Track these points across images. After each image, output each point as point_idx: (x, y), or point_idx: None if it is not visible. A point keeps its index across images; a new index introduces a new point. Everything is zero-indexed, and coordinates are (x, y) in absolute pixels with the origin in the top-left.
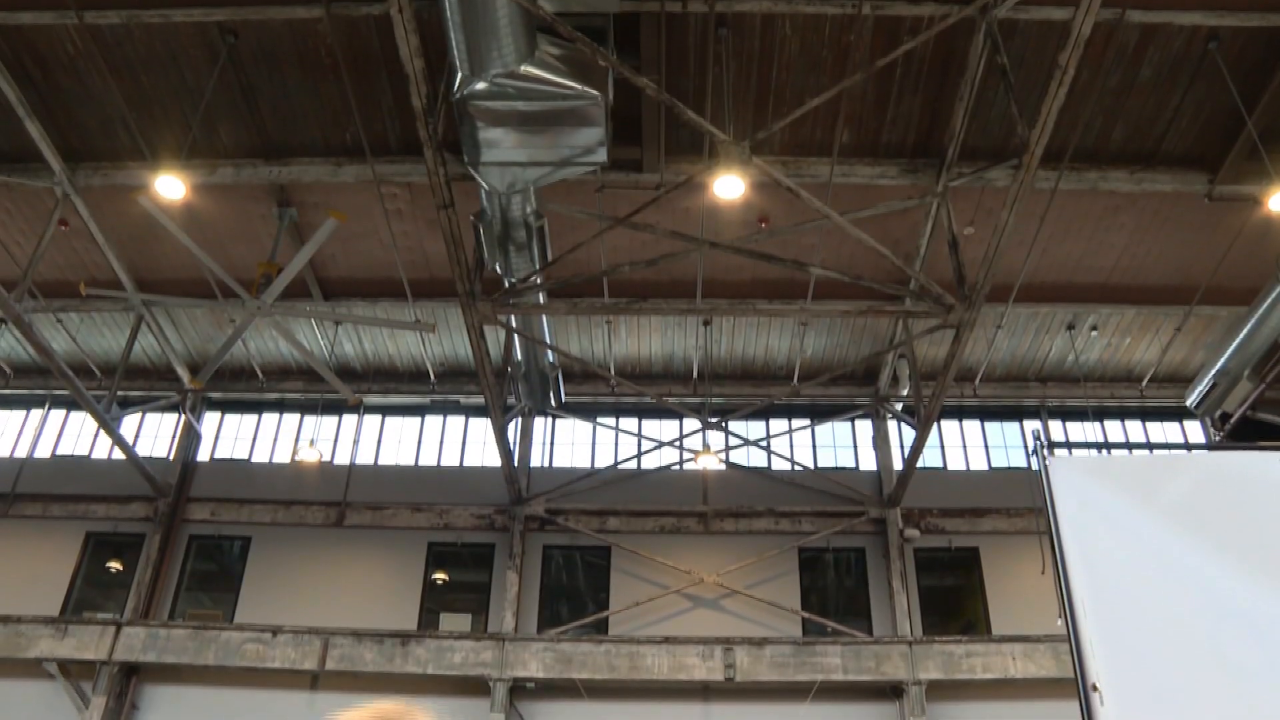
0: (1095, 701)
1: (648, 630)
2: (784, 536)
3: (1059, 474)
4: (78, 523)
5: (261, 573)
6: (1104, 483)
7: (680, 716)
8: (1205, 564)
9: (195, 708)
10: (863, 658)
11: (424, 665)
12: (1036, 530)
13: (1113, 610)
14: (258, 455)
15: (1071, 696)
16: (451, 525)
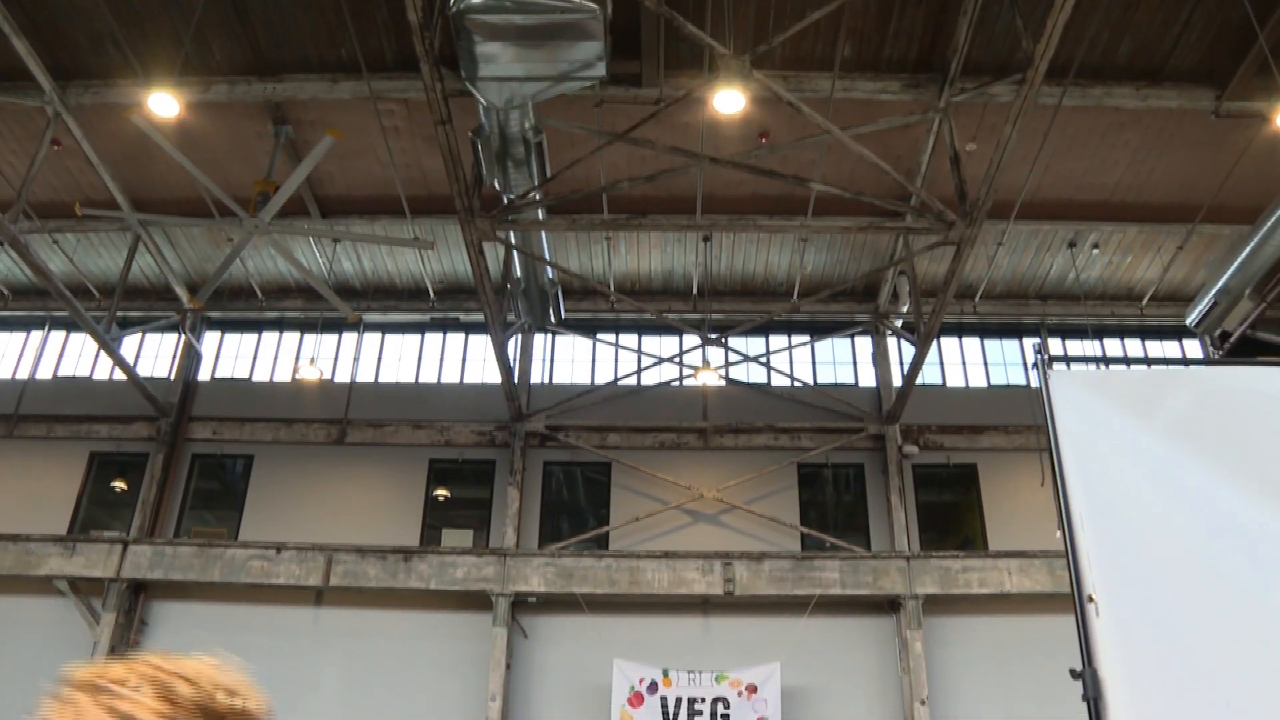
0: (1091, 613)
1: (648, 545)
2: (783, 452)
3: (1059, 388)
4: (81, 443)
5: (264, 491)
6: (1103, 397)
7: (680, 629)
8: (1203, 479)
9: (203, 623)
10: (860, 572)
11: (426, 581)
12: (1034, 448)
13: (1110, 524)
14: (258, 374)
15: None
16: (452, 442)
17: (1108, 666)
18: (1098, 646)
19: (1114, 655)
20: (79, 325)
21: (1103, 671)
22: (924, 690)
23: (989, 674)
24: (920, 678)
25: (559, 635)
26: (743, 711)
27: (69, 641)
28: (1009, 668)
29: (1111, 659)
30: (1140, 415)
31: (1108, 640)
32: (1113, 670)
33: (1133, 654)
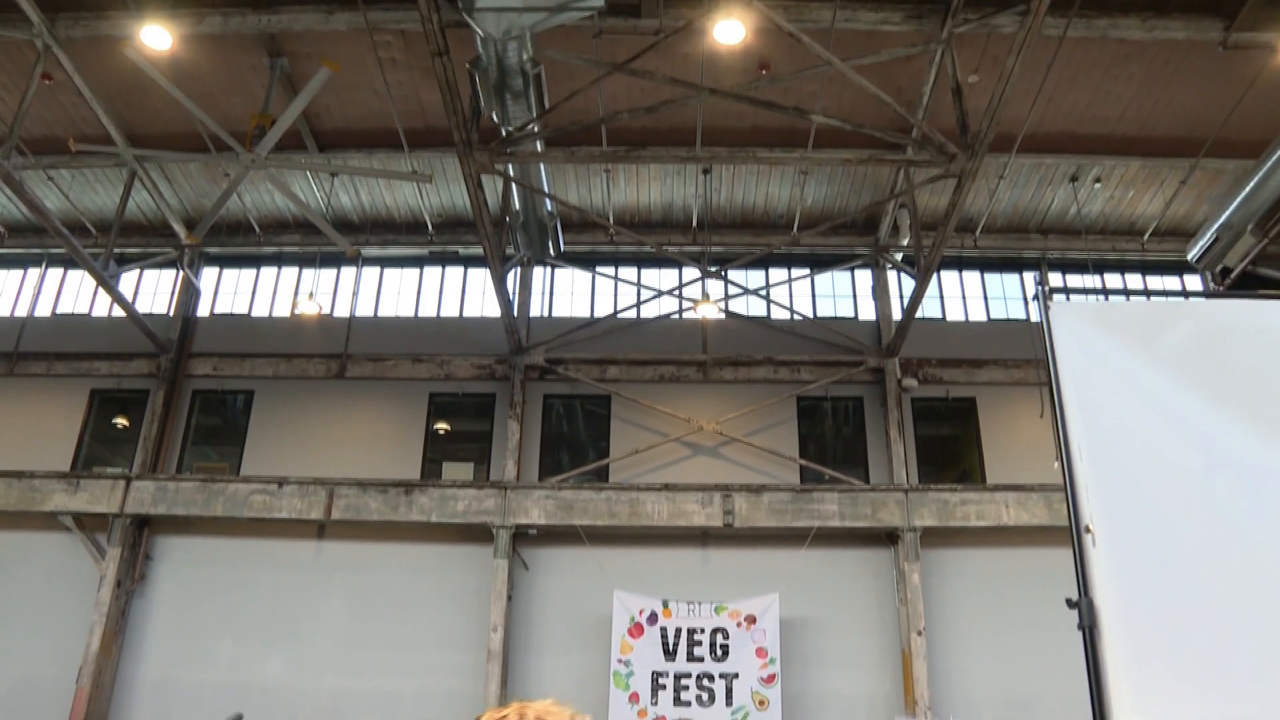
0: (1088, 543)
1: (647, 477)
2: (783, 385)
3: (1059, 319)
4: (82, 380)
5: (265, 426)
6: (1104, 329)
7: (680, 561)
8: (1202, 411)
9: (207, 557)
10: (859, 505)
11: (428, 514)
12: (1033, 382)
13: (1108, 455)
14: (257, 309)
15: (1062, 544)
16: (452, 376)
17: (1103, 596)
18: (1094, 576)
19: (1110, 585)
20: (77, 263)
21: (1098, 601)
22: (921, 621)
23: (985, 605)
24: (917, 609)
25: (559, 567)
26: (742, 642)
27: (75, 575)
28: (1005, 599)
29: (1107, 588)
30: (1140, 347)
31: (1104, 570)
32: (1108, 599)
33: (1128, 584)
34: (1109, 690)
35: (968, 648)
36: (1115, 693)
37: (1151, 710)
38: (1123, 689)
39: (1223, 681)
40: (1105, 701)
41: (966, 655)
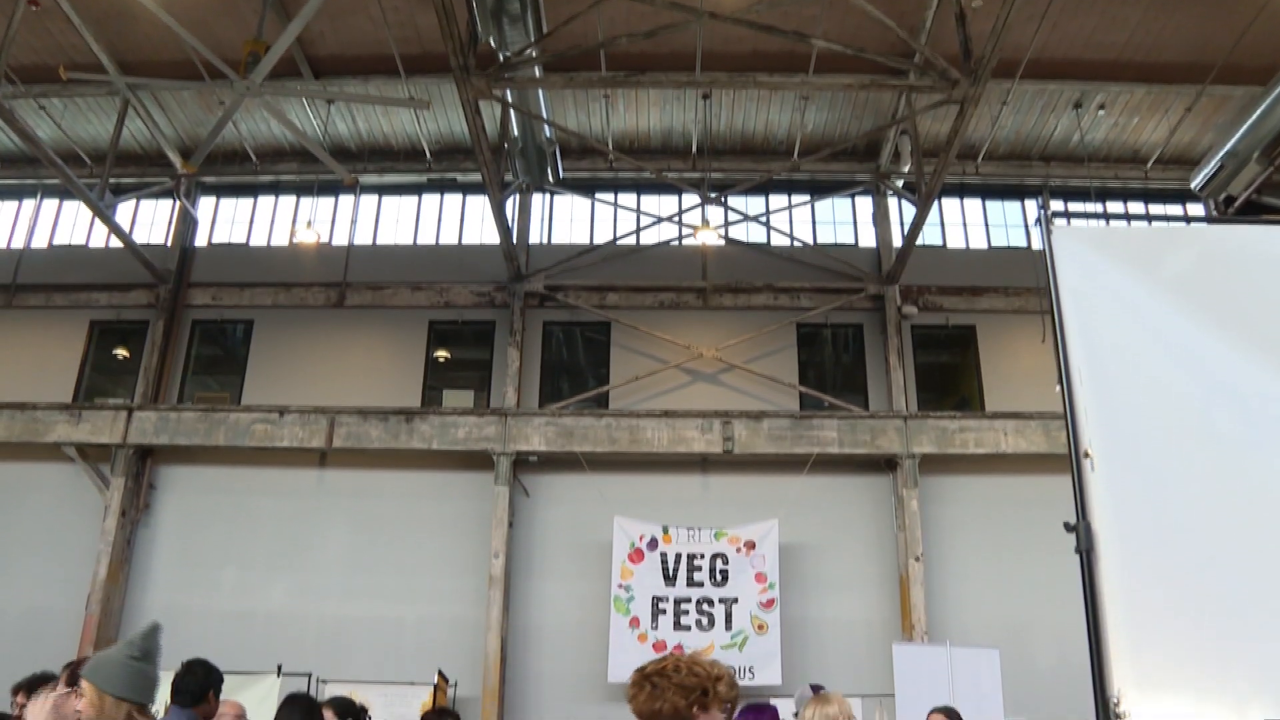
0: (1087, 467)
1: (647, 404)
2: (782, 312)
3: (1061, 244)
4: (81, 311)
5: (265, 355)
6: (1106, 254)
7: (679, 487)
8: (1203, 337)
9: (210, 486)
10: (858, 431)
11: (429, 441)
12: (1033, 310)
13: (1109, 380)
14: (256, 239)
15: (1059, 471)
16: (452, 303)
17: (1101, 520)
18: (1092, 501)
19: (1108, 509)
20: (72, 193)
21: (1096, 525)
22: (919, 547)
23: (983, 532)
24: (915, 535)
25: (560, 493)
26: (741, 567)
27: (80, 505)
28: (1003, 526)
29: (1105, 513)
30: (1143, 272)
31: (1102, 494)
32: (1106, 523)
33: (1126, 508)
34: (1105, 613)
35: (965, 573)
36: (1111, 616)
37: (1147, 633)
38: (1119, 612)
39: (1219, 605)
40: (1101, 624)
41: (964, 581)
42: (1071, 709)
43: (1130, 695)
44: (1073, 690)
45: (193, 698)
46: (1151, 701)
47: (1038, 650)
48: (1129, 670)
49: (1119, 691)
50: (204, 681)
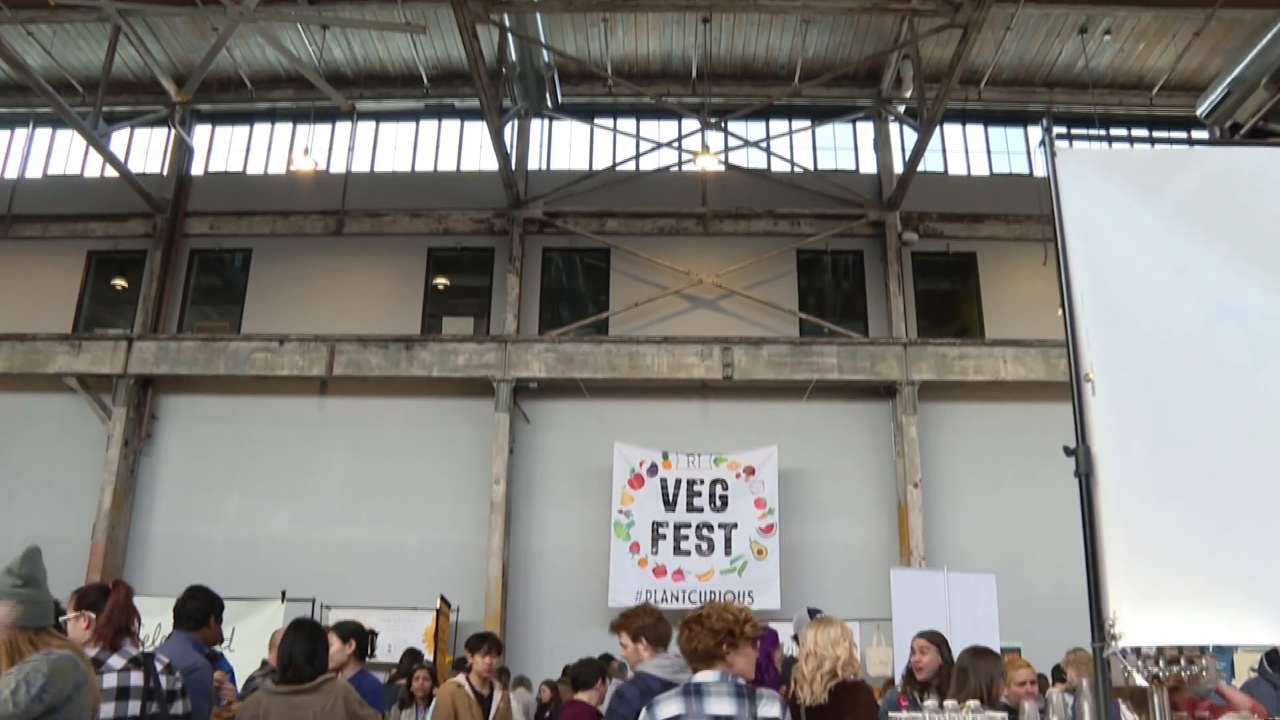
0: (1087, 391)
1: (647, 330)
2: (782, 238)
3: (1065, 165)
4: (78, 242)
5: (264, 284)
6: (1111, 176)
7: (679, 413)
8: (1207, 260)
9: (211, 415)
10: (858, 358)
11: (429, 368)
12: (1034, 237)
13: (1111, 303)
14: (252, 167)
15: (1058, 399)
16: (451, 230)
17: (1101, 443)
18: (1092, 424)
19: (1108, 432)
20: (65, 122)
21: (1096, 448)
22: (917, 474)
23: (981, 459)
24: (914, 461)
25: (560, 420)
26: (740, 492)
27: (83, 436)
28: (1001, 453)
29: (1105, 436)
30: (1147, 194)
31: (1102, 418)
32: (1106, 447)
33: (1126, 431)
34: (1103, 537)
35: (963, 500)
36: (1109, 538)
37: (1145, 554)
38: (1116, 534)
39: (1218, 526)
40: (1098, 547)
41: (961, 507)
42: (1067, 633)
43: (1126, 615)
44: (1068, 615)
45: (194, 622)
46: (1147, 621)
47: (1034, 576)
48: (1125, 591)
49: (1115, 612)
50: (205, 607)
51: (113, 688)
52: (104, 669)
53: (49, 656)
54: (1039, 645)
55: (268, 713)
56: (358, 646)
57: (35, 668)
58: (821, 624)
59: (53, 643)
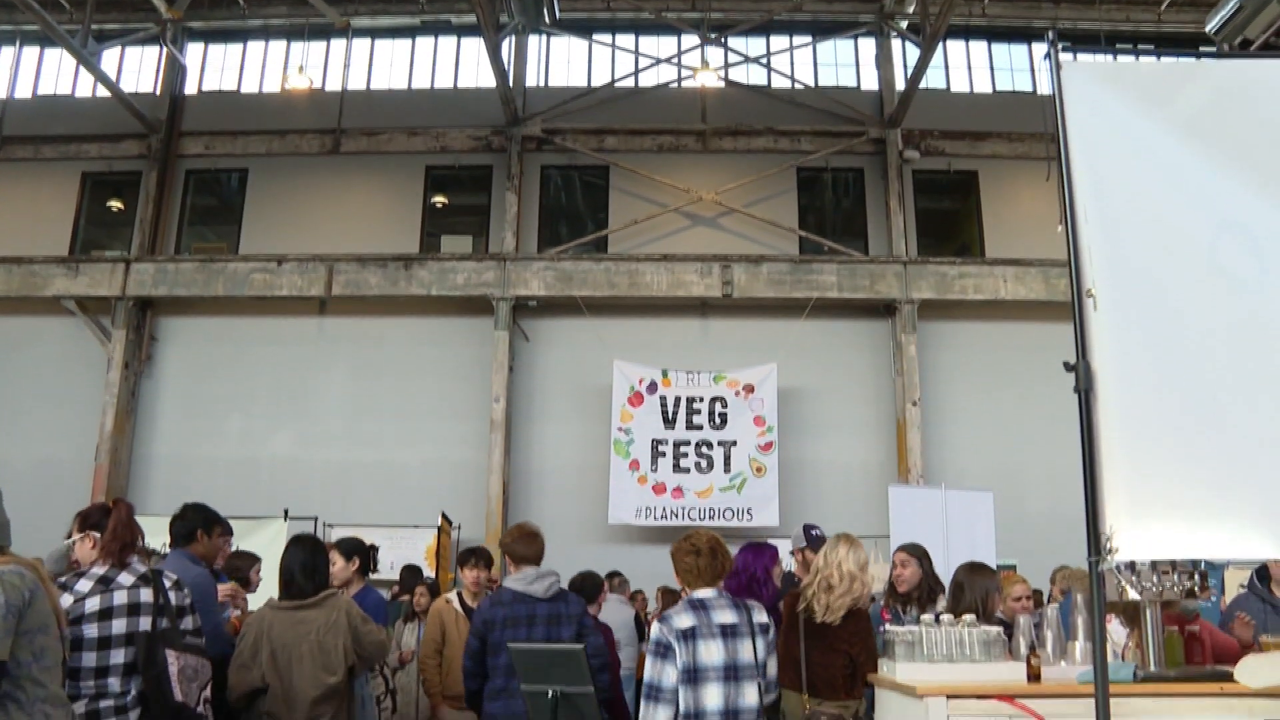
0: (1089, 307)
1: (646, 248)
2: (783, 155)
3: (1070, 78)
4: (72, 163)
5: (261, 204)
6: (1117, 89)
7: (679, 331)
8: (1212, 174)
9: (211, 336)
10: (858, 276)
11: (428, 287)
12: (1037, 156)
13: (1114, 218)
14: (247, 85)
15: (1058, 318)
16: (448, 148)
17: (1101, 359)
18: (1093, 340)
19: (1109, 348)
20: (53, 40)
21: (1096, 364)
22: (916, 392)
23: (980, 378)
24: (913, 380)
25: (559, 338)
26: (740, 410)
27: (83, 358)
28: (1000, 372)
29: (1106, 352)
30: (1153, 108)
31: (1103, 334)
32: (1106, 363)
33: (1127, 347)
34: (1101, 452)
35: (961, 418)
36: (1107, 453)
37: (1143, 469)
38: (1115, 449)
39: (1216, 441)
40: (1097, 463)
41: (960, 425)
42: (1062, 551)
43: (1123, 530)
44: (1064, 533)
45: (185, 539)
46: (1144, 535)
47: (1031, 494)
48: (1123, 506)
49: (1112, 527)
50: (193, 522)
51: (124, 604)
52: (114, 586)
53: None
54: (1034, 563)
55: (271, 627)
56: (360, 563)
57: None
58: (853, 545)
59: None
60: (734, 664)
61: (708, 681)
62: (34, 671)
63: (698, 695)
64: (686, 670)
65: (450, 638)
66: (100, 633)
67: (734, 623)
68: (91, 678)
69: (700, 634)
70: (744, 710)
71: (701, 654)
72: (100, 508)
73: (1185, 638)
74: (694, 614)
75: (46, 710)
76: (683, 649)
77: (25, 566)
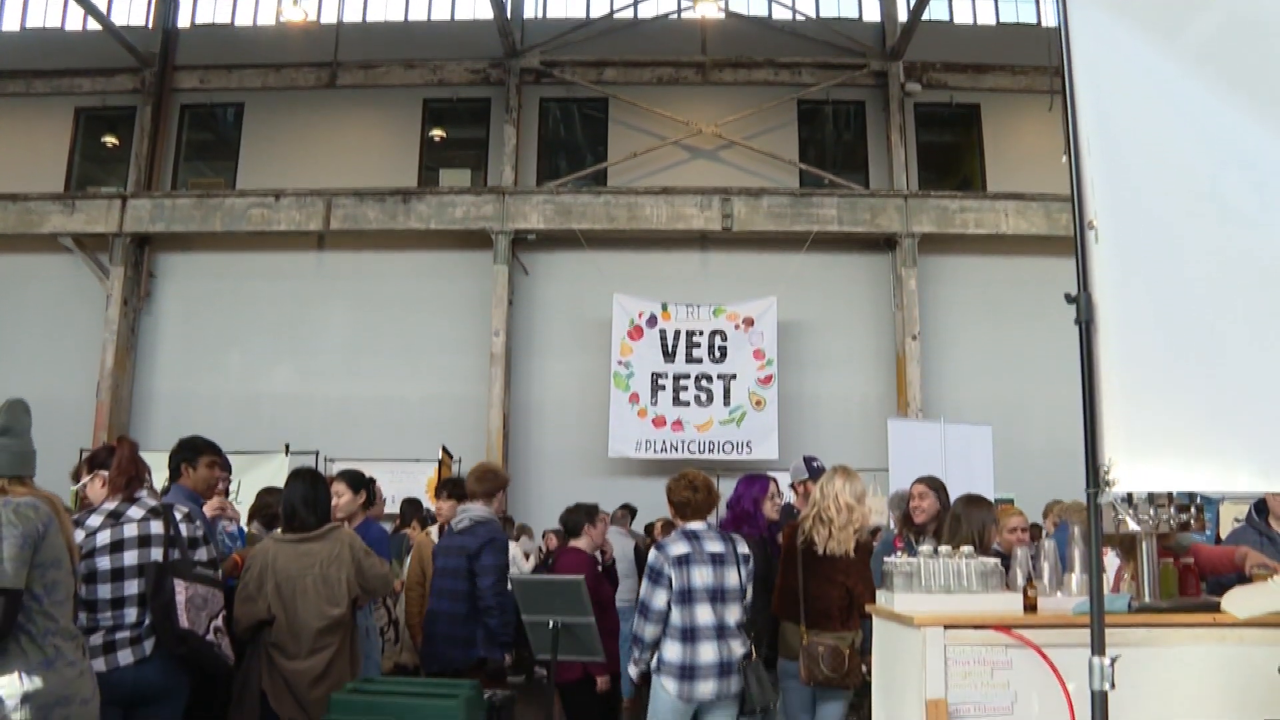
0: (1090, 238)
1: (646, 181)
2: (783, 88)
3: (1077, 6)
4: (64, 99)
5: (258, 139)
6: (1124, 17)
7: (678, 264)
8: (1220, 106)
9: (209, 272)
10: (858, 210)
11: (426, 221)
12: (1040, 89)
13: (1118, 149)
14: (241, 18)
15: (1058, 253)
16: (446, 81)
17: (1102, 291)
18: (1094, 271)
19: (1110, 280)
20: None
21: (1097, 296)
22: (916, 326)
23: (980, 312)
24: (913, 314)
25: (559, 271)
26: (739, 344)
27: (83, 296)
28: (1000, 307)
29: (1107, 283)
30: (1163, 37)
31: (1105, 265)
32: (1107, 294)
33: (1129, 279)
34: (1100, 385)
35: (960, 353)
36: (1107, 386)
37: (1142, 403)
38: (1115, 382)
39: (1217, 376)
40: (1096, 396)
41: (959, 360)
42: (1059, 485)
43: (1121, 463)
44: (1061, 467)
45: (173, 474)
46: (1142, 467)
47: (1029, 429)
48: (1121, 439)
49: (1110, 459)
50: (174, 456)
51: (134, 536)
52: (123, 519)
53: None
54: (1032, 496)
55: (275, 560)
56: (367, 496)
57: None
58: (850, 478)
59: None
60: (721, 587)
61: (699, 602)
62: (45, 605)
63: (692, 613)
64: (681, 592)
65: (428, 571)
66: (113, 564)
67: (721, 552)
68: (108, 609)
69: (693, 560)
70: (728, 626)
71: (694, 578)
72: (106, 448)
73: (1180, 570)
74: (688, 543)
75: (57, 643)
76: (677, 574)
77: (42, 499)
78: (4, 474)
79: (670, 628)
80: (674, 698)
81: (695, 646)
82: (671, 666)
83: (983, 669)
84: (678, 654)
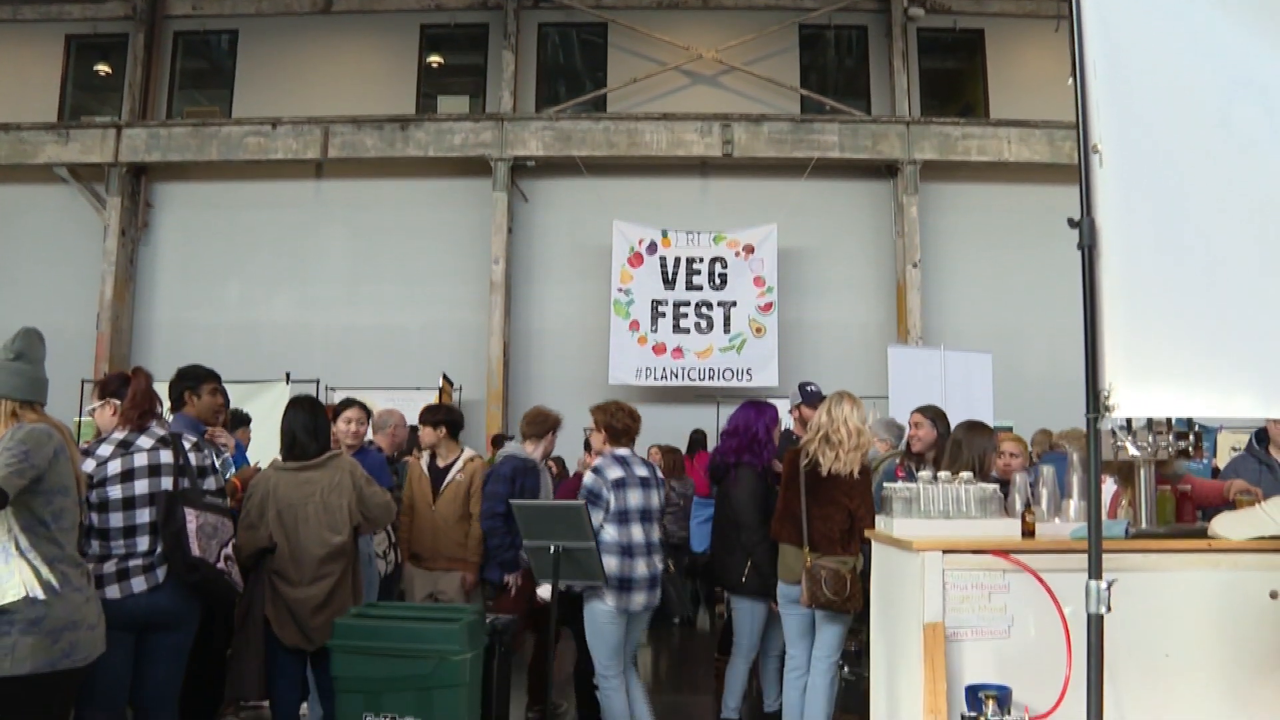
0: (1094, 163)
1: (646, 107)
2: (785, 12)
3: None
4: (54, 25)
5: (253, 66)
6: None
7: (678, 191)
8: (1230, 30)
9: (206, 201)
10: (859, 136)
11: (425, 148)
12: (1045, 14)
13: (1125, 73)
14: None
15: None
16: (443, 5)
17: (1106, 216)
18: (1098, 196)
19: (1113, 205)
20: None
21: (1100, 220)
22: (916, 254)
23: (981, 240)
24: (914, 241)
25: (558, 198)
26: (740, 271)
27: (80, 227)
28: (1001, 235)
29: (1110, 208)
30: None
31: (1108, 190)
32: (1110, 219)
33: (1132, 204)
34: (1103, 310)
35: (961, 280)
36: (1108, 312)
37: (1143, 328)
38: (1117, 307)
39: (1218, 302)
40: (1098, 320)
41: (959, 287)
42: (1059, 413)
43: (1121, 388)
44: (1061, 395)
45: (174, 404)
46: (1141, 392)
47: (1029, 356)
48: (1122, 364)
49: (1110, 384)
50: (177, 385)
51: (144, 465)
52: (134, 449)
53: (20, 429)
54: (1032, 424)
55: (276, 488)
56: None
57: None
58: (855, 403)
59: (28, 416)
60: (648, 508)
61: (633, 521)
62: (53, 531)
63: (629, 531)
64: (620, 513)
65: (414, 497)
66: (124, 493)
67: (646, 476)
68: (120, 537)
69: (628, 483)
70: (654, 543)
71: (630, 499)
72: (119, 376)
73: (1177, 497)
74: (621, 468)
75: (64, 570)
76: (615, 496)
77: (54, 427)
78: (17, 398)
79: (608, 544)
80: (612, 610)
81: (632, 561)
82: (611, 580)
83: (980, 593)
84: (615, 568)
